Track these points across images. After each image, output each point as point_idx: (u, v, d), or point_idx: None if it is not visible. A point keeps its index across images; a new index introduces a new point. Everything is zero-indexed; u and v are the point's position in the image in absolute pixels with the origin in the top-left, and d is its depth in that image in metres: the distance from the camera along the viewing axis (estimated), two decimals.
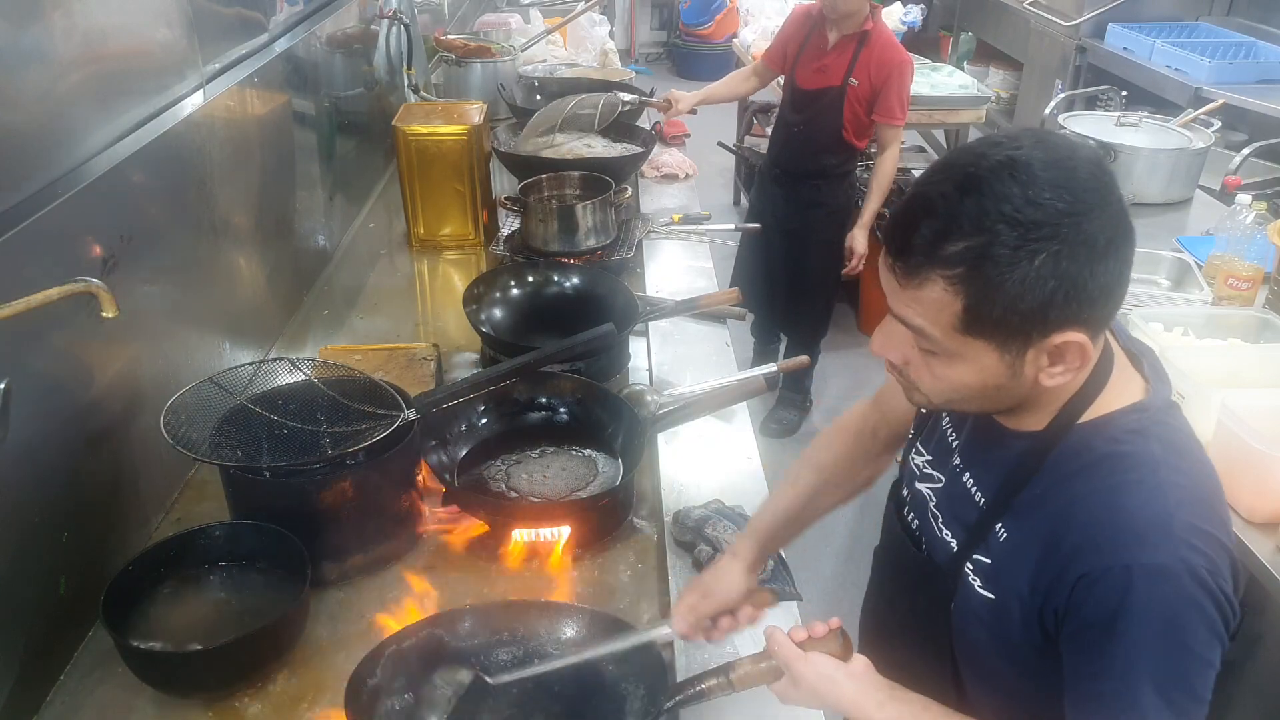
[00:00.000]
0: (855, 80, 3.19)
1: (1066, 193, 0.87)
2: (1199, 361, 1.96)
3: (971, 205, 0.87)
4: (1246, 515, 1.76)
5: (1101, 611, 0.92)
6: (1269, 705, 1.80)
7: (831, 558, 3.23)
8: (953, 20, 6.76)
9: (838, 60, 3.20)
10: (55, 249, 1.31)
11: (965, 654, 1.13)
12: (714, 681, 1.11)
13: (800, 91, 3.33)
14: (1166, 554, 0.91)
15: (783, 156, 3.47)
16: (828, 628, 1.09)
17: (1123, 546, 0.92)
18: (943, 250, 0.88)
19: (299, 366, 1.61)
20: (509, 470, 1.69)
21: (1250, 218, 2.52)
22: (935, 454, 1.17)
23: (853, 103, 3.22)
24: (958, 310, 0.90)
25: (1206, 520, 0.94)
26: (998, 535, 1.04)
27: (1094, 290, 0.89)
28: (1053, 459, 1.00)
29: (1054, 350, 0.92)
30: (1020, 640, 1.03)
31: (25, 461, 1.24)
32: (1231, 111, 3.80)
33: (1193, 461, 0.99)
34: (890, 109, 3.20)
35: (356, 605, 1.45)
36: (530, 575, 1.51)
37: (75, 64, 1.40)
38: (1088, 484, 0.97)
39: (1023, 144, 0.89)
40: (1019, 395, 0.98)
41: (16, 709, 1.24)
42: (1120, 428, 0.98)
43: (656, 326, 2.13)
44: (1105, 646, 0.93)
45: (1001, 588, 1.04)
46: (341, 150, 2.66)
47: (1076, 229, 0.87)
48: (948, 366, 0.96)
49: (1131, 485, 0.95)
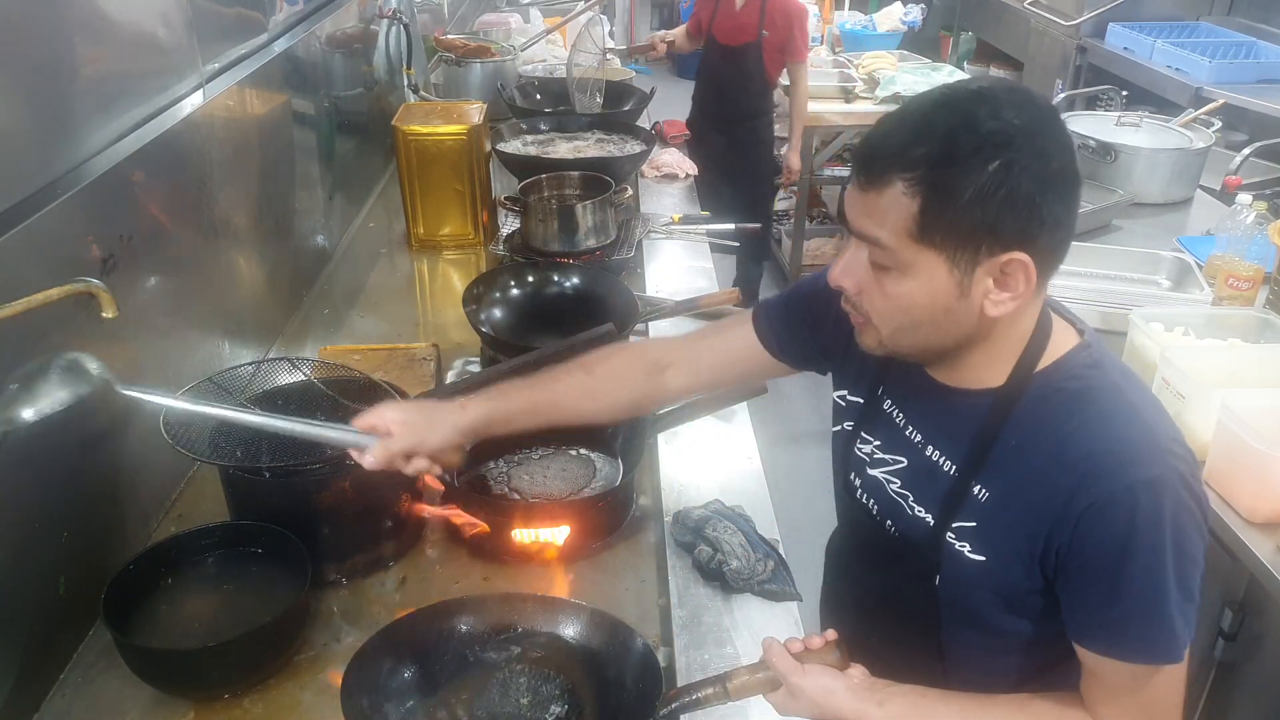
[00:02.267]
0: (767, 32, 3.96)
1: (1023, 113, 0.93)
2: (1199, 361, 1.95)
3: (939, 119, 0.95)
4: (1247, 515, 1.75)
5: (1113, 533, 0.97)
6: (1269, 705, 1.80)
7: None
8: (953, 20, 6.76)
9: (749, 17, 3.96)
10: (55, 249, 1.31)
11: (957, 621, 1.14)
12: (710, 690, 1.10)
13: (724, 48, 4.05)
14: (1160, 465, 0.97)
15: (721, 107, 4.14)
16: (824, 640, 1.09)
17: (1121, 468, 0.97)
18: (906, 155, 0.94)
19: (299, 366, 1.61)
20: (509, 470, 1.69)
21: (1250, 218, 2.52)
22: (884, 439, 1.19)
23: (769, 50, 3.99)
24: (914, 213, 0.95)
25: (1175, 431, 1.02)
26: (978, 497, 1.06)
27: (1044, 213, 0.94)
28: (1021, 409, 1.04)
29: (1001, 272, 0.96)
30: (1025, 590, 1.05)
31: (25, 461, 1.24)
32: (1232, 111, 3.79)
33: (1146, 388, 1.08)
34: (797, 49, 4.03)
35: (356, 605, 1.45)
36: (530, 575, 1.51)
37: (75, 64, 1.40)
38: (1068, 421, 1.01)
39: (984, 83, 0.98)
40: (966, 327, 1.01)
41: (17, 708, 1.24)
42: (1079, 364, 1.05)
43: (656, 326, 2.13)
44: (1124, 565, 0.97)
45: (993, 546, 1.06)
46: (341, 150, 2.66)
47: (1030, 142, 0.92)
48: (899, 283, 1.00)
49: (1111, 413, 1.01)
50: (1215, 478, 1.82)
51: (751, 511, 1.55)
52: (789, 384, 4.13)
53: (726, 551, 1.44)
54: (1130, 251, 2.66)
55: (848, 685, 1.05)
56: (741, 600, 1.41)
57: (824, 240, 4.91)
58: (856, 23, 5.88)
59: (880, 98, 4.46)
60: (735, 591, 1.42)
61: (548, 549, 1.53)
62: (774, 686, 1.08)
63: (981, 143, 0.92)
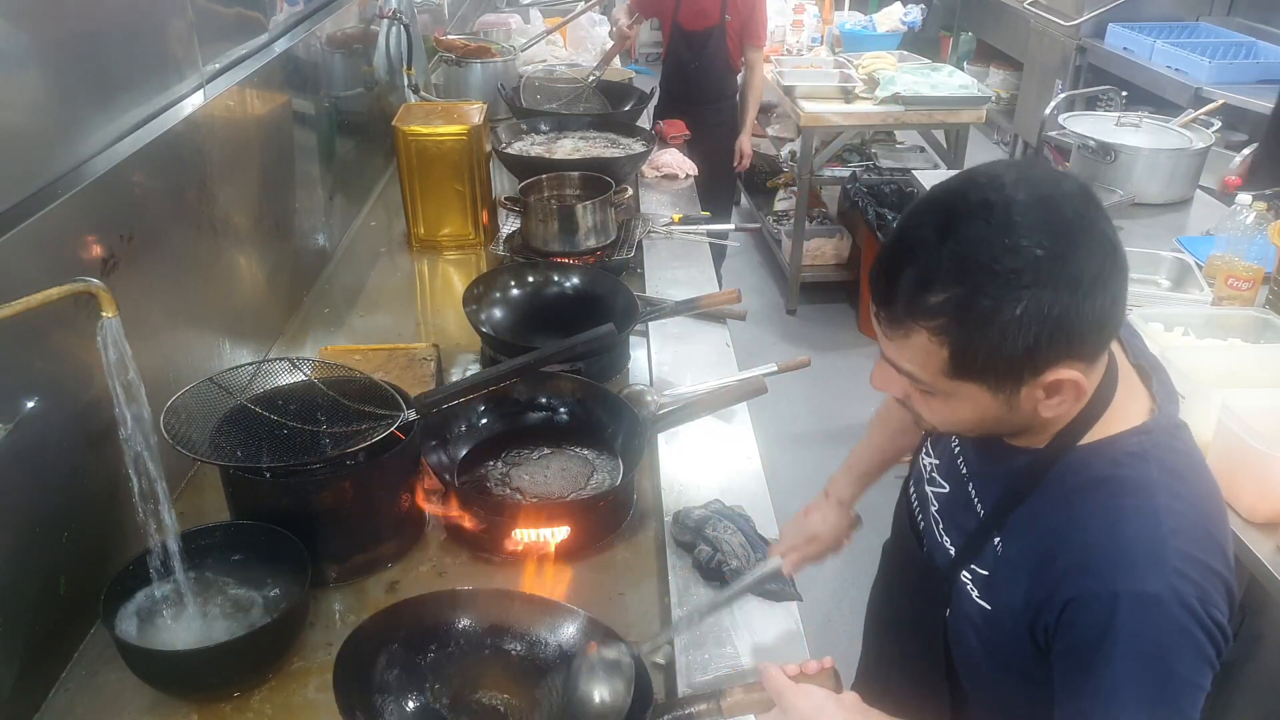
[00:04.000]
0: (729, 16, 4.06)
1: (1046, 236, 0.86)
2: (1199, 361, 1.95)
3: (949, 252, 0.87)
4: (1247, 515, 1.76)
5: (1089, 635, 0.93)
6: (1269, 705, 1.80)
7: (831, 558, 3.23)
8: (953, 20, 6.76)
9: (712, 3, 4.05)
10: (55, 249, 1.31)
11: (961, 658, 1.13)
12: (704, 706, 1.10)
13: (689, 34, 4.14)
14: (1156, 582, 0.90)
15: (686, 90, 4.23)
16: (820, 666, 1.09)
17: (1113, 573, 0.92)
18: (924, 301, 0.89)
19: (299, 366, 1.60)
20: (509, 470, 1.69)
21: (1250, 218, 2.52)
22: (941, 459, 1.18)
23: (732, 34, 4.11)
24: (945, 358, 0.91)
25: (1201, 547, 0.93)
26: (995, 548, 1.05)
27: (1082, 326, 0.88)
28: (1051, 477, 1.00)
29: (1048, 386, 0.92)
30: (1012, 651, 1.03)
31: (25, 461, 1.24)
32: (1231, 111, 3.80)
33: (1193, 486, 0.97)
34: (757, 34, 4.16)
35: (356, 605, 1.45)
36: (530, 575, 1.51)
37: (75, 64, 1.40)
38: (1083, 506, 0.96)
39: (1005, 182, 0.88)
40: (1020, 424, 0.99)
41: (17, 708, 1.24)
42: (1121, 450, 0.97)
43: (656, 326, 2.13)
44: (1091, 669, 0.93)
45: (997, 600, 1.04)
46: (341, 150, 2.66)
47: (1059, 271, 0.86)
48: (944, 405, 0.97)
49: (1127, 510, 0.94)
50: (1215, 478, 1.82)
51: (751, 511, 1.55)
52: (789, 384, 4.14)
53: (726, 551, 1.43)
54: (1130, 251, 2.62)
55: (839, 703, 1.04)
56: (741, 600, 1.41)
57: (824, 240, 4.91)
58: (856, 23, 5.88)
59: (880, 98, 4.46)
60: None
61: (547, 549, 1.53)
62: (768, 707, 1.08)
63: (1004, 285, 0.85)
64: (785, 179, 5.44)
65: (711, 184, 4.10)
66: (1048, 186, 0.89)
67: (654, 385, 1.92)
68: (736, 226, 3.15)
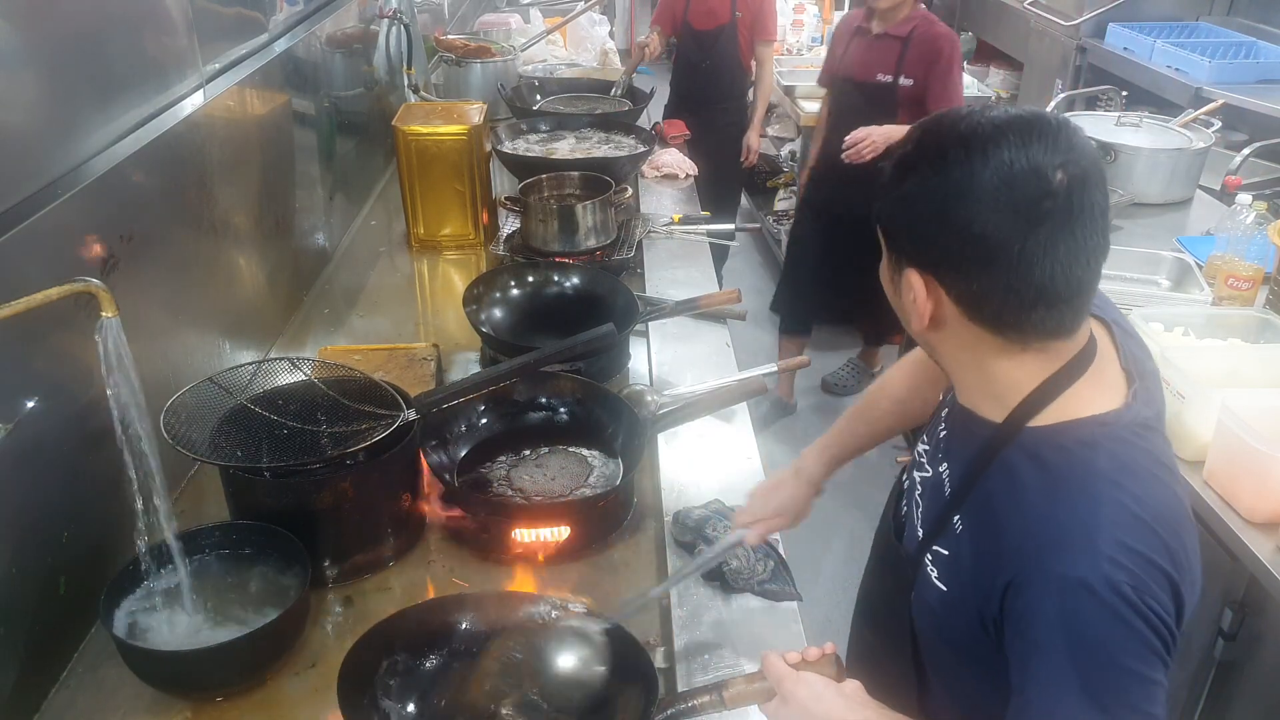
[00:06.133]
0: (740, 13, 4.04)
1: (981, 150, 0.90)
2: (1199, 361, 1.95)
3: (914, 138, 0.98)
4: (1246, 515, 1.76)
5: (1025, 617, 0.92)
6: (1269, 705, 1.80)
7: (831, 558, 3.23)
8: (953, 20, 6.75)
9: (721, 2, 4.03)
10: (55, 249, 1.31)
11: (925, 646, 1.13)
12: (706, 698, 1.11)
13: (699, 33, 4.11)
14: (1086, 567, 0.89)
15: (697, 90, 4.21)
16: (822, 652, 1.09)
17: (1045, 557, 0.91)
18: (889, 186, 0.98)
19: (299, 366, 1.61)
20: (509, 470, 1.69)
21: (1250, 218, 2.52)
22: (932, 444, 1.18)
23: (743, 32, 4.08)
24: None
25: (1141, 540, 0.91)
26: (954, 526, 1.04)
27: (947, 241, 0.92)
28: (1003, 457, 1.00)
29: (910, 280, 0.97)
30: (964, 637, 1.03)
31: (25, 461, 1.24)
32: (1231, 111, 3.79)
33: (1146, 485, 0.95)
34: (767, 29, 4.16)
35: (356, 605, 1.45)
36: (530, 575, 1.51)
37: (75, 64, 1.40)
38: (1025, 490, 0.96)
39: (995, 111, 0.95)
40: (905, 312, 1.02)
41: (17, 708, 1.24)
42: (1073, 436, 0.97)
43: (656, 326, 2.13)
44: (1029, 654, 0.92)
45: (955, 581, 1.04)
46: (341, 150, 2.66)
47: (953, 170, 0.91)
48: (889, 284, 1.04)
49: (1065, 496, 0.93)
50: (1215, 478, 1.82)
51: None
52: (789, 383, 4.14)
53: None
54: (1130, 251, 2.66)
55: (839, 692, 1.04)
56: (741, 600, 1.41)
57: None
58: None
59: None
60: (735, 591, 1.42)
61: (548, 548, 1.53)
62: (770, 696, 1.08)
63: (915, 159, 0.95)
64: (785, 179, 5.44)
65: (718, 183, 4.13)
66: (1014, 121, 0.92)
67: (654, 385, 1.92)
68: (737, 226, 3.15)
